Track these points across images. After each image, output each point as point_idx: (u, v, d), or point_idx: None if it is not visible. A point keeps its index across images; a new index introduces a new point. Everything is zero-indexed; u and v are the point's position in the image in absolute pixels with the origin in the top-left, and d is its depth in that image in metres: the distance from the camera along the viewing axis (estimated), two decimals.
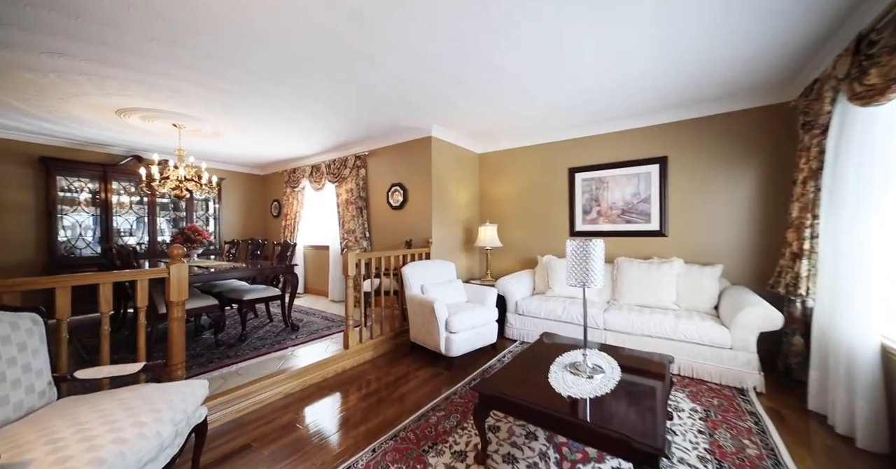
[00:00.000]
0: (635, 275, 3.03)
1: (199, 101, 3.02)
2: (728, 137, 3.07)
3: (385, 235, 4.44)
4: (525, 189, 4.29)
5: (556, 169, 4.04)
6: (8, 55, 2.25)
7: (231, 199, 6.05)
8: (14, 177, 4.10)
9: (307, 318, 3.87)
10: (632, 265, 3.10)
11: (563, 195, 3.97)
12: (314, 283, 5.59)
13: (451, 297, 3.24)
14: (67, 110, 3.23)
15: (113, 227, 4.56)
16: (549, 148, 4.10)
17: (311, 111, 3.32)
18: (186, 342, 3.07)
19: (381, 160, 4.47)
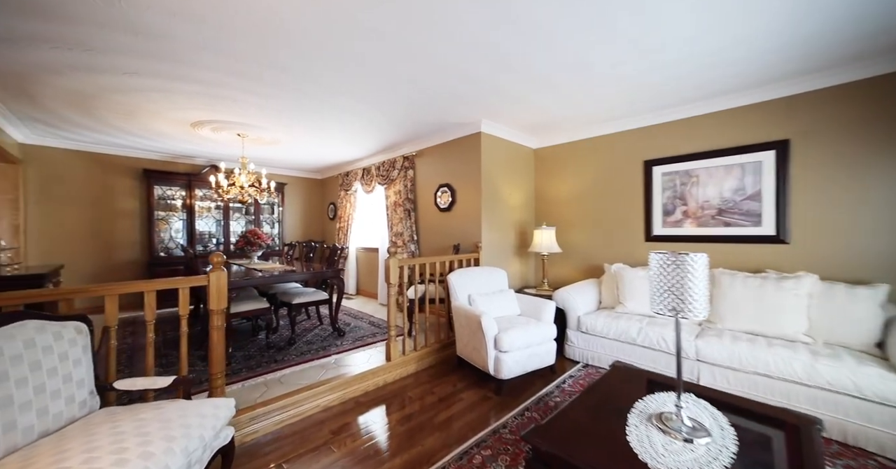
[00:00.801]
0: (740, 293, 2.37)
1: (254, 109, 3.12)
2: (892, 110, 2.24)
3: (433, 239, 4.25)
4: (588, 187, 3.75)
5: (626, 162, 3.45)
6: (100, 79, 2.50)
7: (293, 203, 6.43)
8: (125, 187, 4.78)
9: (354, 323, 3.84)
10: (735, 280, 2.44)
11: (637, 193, 3.36)
12: (365, 285, 5.65)
13: (502, 309, 2.90)
14: (154, 126, 3.60)
15: (196, 230, 5.09)
16: (619, 139, 3.51)
17: (360, 114, 3.25)
18: (243, 341, 3.23)
19: (428, 160, 4.29)
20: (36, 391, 1.14)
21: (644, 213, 3.29)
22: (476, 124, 3.55)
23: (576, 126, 3.65)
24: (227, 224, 5.40)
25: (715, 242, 2.85)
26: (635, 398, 1.52)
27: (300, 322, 3.86)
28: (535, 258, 4.19)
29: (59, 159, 4.33)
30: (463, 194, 3.81)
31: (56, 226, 4.32)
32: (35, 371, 1.15)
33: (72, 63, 2.26)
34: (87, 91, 2.71)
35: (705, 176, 2.89)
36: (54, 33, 1.92)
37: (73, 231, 4.42)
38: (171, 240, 5.04)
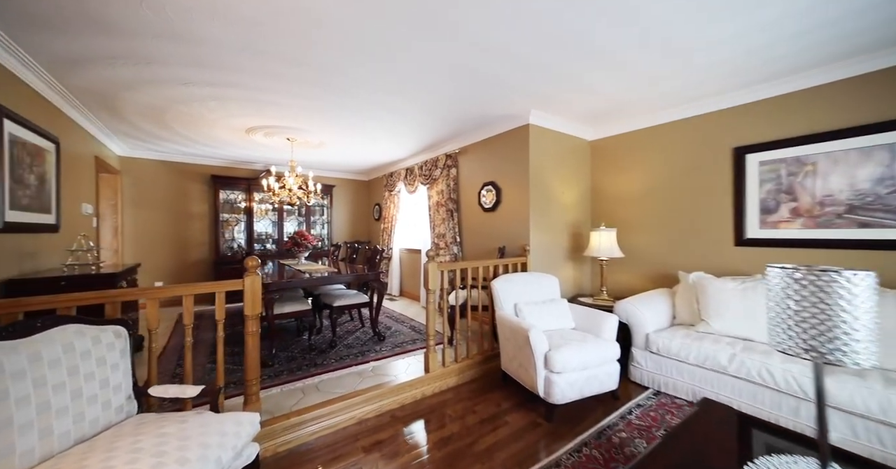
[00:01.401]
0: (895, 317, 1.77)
1: (299, 111, 3.16)
2: None
3: (476, 241, 4.02)
4: (657, 182, 3.22)
5: (708, 151, 2.88)
6: (164, 91, 2.69)
7: (340, 205, 6.63)
8: (197, 192, 5.28)
9: (395, 327, 3.75)
10: (886, 300, 1.83)
11: (722, 187, 2.78)
12: (409, 286, 5.59)
13: (553, 321, 2.57)
14: (215, 134, 3.87)
15: (254, 231, 5.46)
16: (697, 123, 2.95)
17: (402, 111, 3.14)
18: (289, 341, 3.31)
19: (472, 157, 4.06)
20: (73, 396, 1.15)
21: (733, 211, 2.71)
22: (523, 116, 3.23)
23: (641, 111, 3.15)
24: (282, 225, 5.71)
25: (843, 248, 2.21)
26: (744, 457, 1.14)
27: (343, 323, 3.88)
28: (592, 263, 3.74)
29: (146, 169, 4.90)
30: (509, 193, 3.52)
31: (144, 227, 4.89)
32: (73, 376, 1.16)
33: (139, 77, 2.44)
34: (156, 104, 2.94)
35: (826, 163, 2.25)
36: (119, 49, 2.06)
37: (156, 232, 4.98)
38: (234, 240, 5.46)
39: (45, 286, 2.13)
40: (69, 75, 2.42)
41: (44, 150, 2.57)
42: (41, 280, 2.14)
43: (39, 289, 2.12)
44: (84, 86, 2.60)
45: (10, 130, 2.16)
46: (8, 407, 1.00)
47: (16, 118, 2.19)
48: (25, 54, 2.14)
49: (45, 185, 2.59)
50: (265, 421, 1.84)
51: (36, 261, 2.49)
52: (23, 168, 2.30)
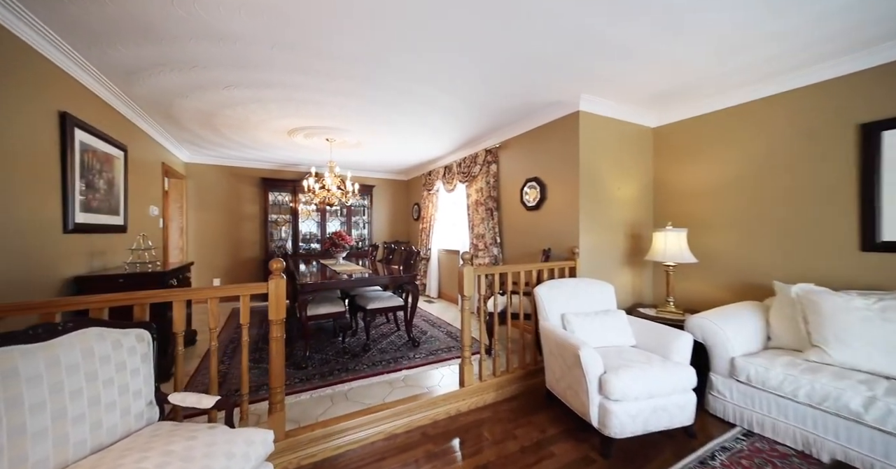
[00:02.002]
0: None
1: (335, 109, 3.13)
2: None
3: (518, 242, 3.71)
4: (742, 171, 2.67)
5: (817, 130, 2.30)
6: (210, 96, 2.79)
7: (380, 205, 6.67)
8: (249, 194, 5.61)
9: (431, 332, 3.59)
10: None
11: (842, 174, 2.20)
12: (447, 288, 5.42)
13: (608, 336, 2.21)
14: (261, 137, 4.02)
15: (299, 231, 5.68)
16: (799, 97, 2.37)
17: (439, 103, 2.96)
18: (324, 341, 3.29)
19: (513, 152, 3.76)
20: (91, 403, 1.12)
21: (859, 205, 2.11)
22: (573, 102, 2.87)
23: (720, 88, 2.62)
24: (324, 225, 5.87)
25: None
26: None
27: (379, 325, 3.81)
28: (654, 269, 3.24)
29: (207, 173, 5.30)
30: (555, 189, 3.17)
31: (204, 228, 5.30)
32: (91, 382, 1.13)
33: (186, 83, 2.54)
34: (205, 109, 3.09)
35: None
36: (164, 54, 2.13)
37: (214, 232, 5.37)
38: (281, 240, 5.72)
39: (105, 283, 2.29)
40: (130, 85, 2.60)
41: (113, 157, 2.80)
42: (103, 277, 2.29)
43: (101, 285, 2.27)
44: (144, 95, 2.78)
45: (81, 139, 2.35)
46: (21, 413, 0.97)
47: (86, 127, 2.38)
48: (95, 69, 2.31)
49: (114, 189, 2.83)
50: (290, 431, 1.76)
51: (106, 258, 2.71)
52: (93, 174, 2.50)
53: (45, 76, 2.04)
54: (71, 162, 2.22)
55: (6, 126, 1.80)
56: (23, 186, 1.90)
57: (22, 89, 1.88)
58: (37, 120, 1.99)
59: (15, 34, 1.79)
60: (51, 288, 2.09)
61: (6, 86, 1.80)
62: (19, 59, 1.85)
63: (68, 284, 2.21)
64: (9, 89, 1.81)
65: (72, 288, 2.24)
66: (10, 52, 1.79)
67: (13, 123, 1.84)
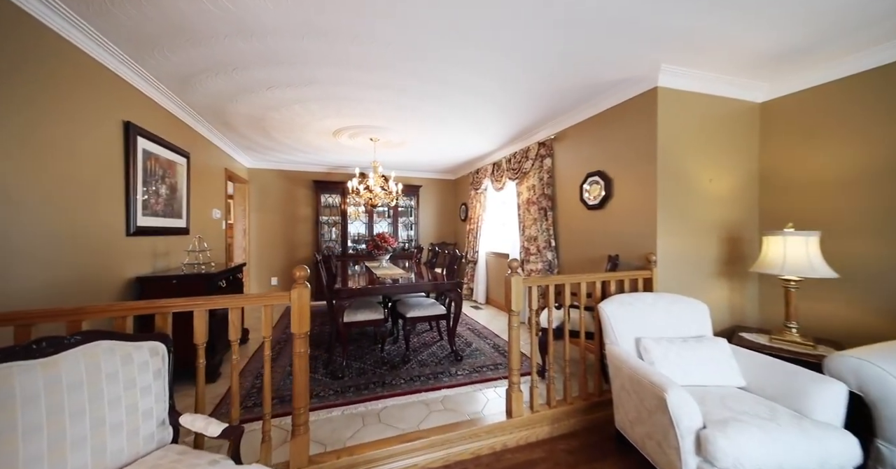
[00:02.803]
0: None
1: (374, 106, 2.99)
2: None
3: (577, 246, 3.23)
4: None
5: None
6: (255, 99, 2.82)
7: (427, 205, 6.52)
8: (302, 197, 5.84)
9: (477, 344, 3.28)
10: None
11: None
12: (496, 294, 5.06)
13: (704, 372, 1.70)
14: (308, 140, 4.08)
15: (348, 232, 5.76)
16: None
17: (486, 91, 2.66)
18: (365, 348, 3.16)
19: (571, 143, 3.29)
20: (94, 425, 1.03)
21: None
22: (648, 76, 2.35)
23: (872, 38, 1.90)
24: (371, 226, 5.89)
25: None
26: None
27: (421, 332, 3.61)
28: (762, 283, 2.55)
29: (266, 177, 5.63)
30: (624, 184, 2.66)
31: (264, 229, 5.63)
32: (95, 401, 1.05)
33: (232, 86, 2.57)
34: (253, 113, 3.16)
35: None
36: (207, 56, 2.13)
37: (273, 233, 5.67)
38: (331, 241, 5.86)
39: (162, 284, 2.39)
40: (186, 93, 2.72)
41: (175, 164, 2.98)
42: (160, 278, 2.40)
43: (158, 286, 2.38)
44: (199, 102, 2.91)
45: (144, 147, 2.50)
46: (14, 439, 0.89)
47: (148, 136, 2.53)
48: (153, 77, 2.44)
49: (177, 193, 3.01)
50: (315, 456, 1.59)
51: (168, 259, 2.89)
52: (155, 179, 2.66)
53: (110, 87, 2.16)
54: (133, 168, 2.36)
55: (76, 136, 1.92)
56: (89, 192, 2.02)
57: (89, 100, 2.00)
58: (103, 129, 2.12)
59: (78, 46, 1.89)
60: (115, 288, 2.22)
61: (76, 99, 1.91)
62: (85, 71, 1.97)
63: (131, 284, 2.35)
64: (78, 102, 1.93)
65: (134, 288, 2.37)
66: (76, 64, 1.89)
67: (82, 133, 1.96)
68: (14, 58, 1.56)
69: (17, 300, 1.54)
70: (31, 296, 1.62)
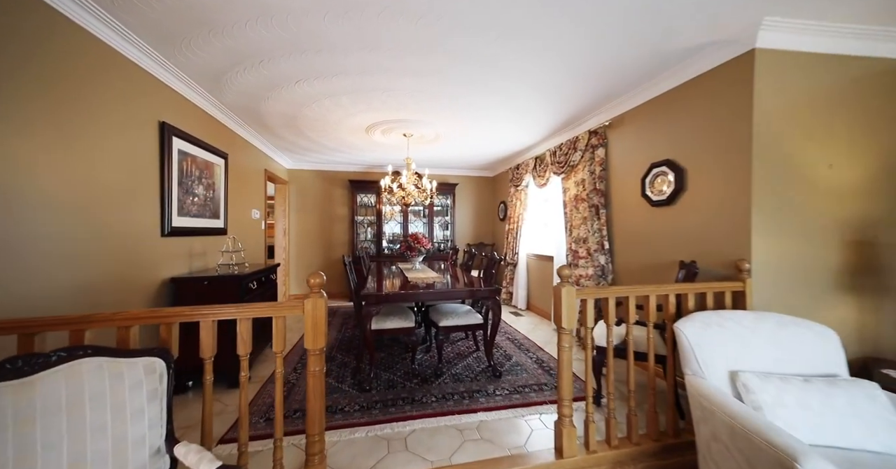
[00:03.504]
0: None
1: (405, 97, 2.77)
2: None
3: (637, 249, 2.77)
4: None
5: None
6: (285, 94, 2.73)
7: (463, 204, 6.24)
8: (339, 196, 5.85)
9: (517, 357, 2.94)
10: None
11: None
12: (537, 299, 4.65)
13: (845, 429, 1.23)
14: (341, 137, 3.99)
15: (383, 232, 5.66)
16: None
17: (527, 72, 2.32)
18: (397, 357, 2.94)
19: (630, 129, 2.83)
20: (71, 458, 0.89)
21: None
22: (742, 37, 1.86)
23: None
24: (406, 226, 5.74)
25: None
26: None
27: (456, 340, 3.34)
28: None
29: (305, 178, 5.71)
30: (702, 174, 2.18)
31: (303, 229, 5.72)
32: (74, 431, 0.91)
33: (261, 82, 2.49)
34: (287, 111, 3.10)
35: None
36: (231, 48, 2.04)
37: (311, 233, 5.74)
38: (366, 241, 5.80)
39: (193, 285, 2.37)
40: (220, 91, 2.70)
41: (213, 164, 3.01)
42: (192, 279, 2.38)
43: (190, 287, 2.36)
44: (233, 101, 2.89)
45: (180, 147, 2.50)
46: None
47: (184, 136, 2.53)
48: (185, 74, 2.42)
49: (214, 194, 3.03)
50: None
51: (206, 260, 2.91)
52: (192, 180, 2.67)
53: (145, 86, 2.16)
54: (168, 169, 2.36)
55: (111, 136, 1.91)
56: (123, 193, 2.02)
57: (124, 100, 2.00)
58: (138, 130, 2.12)
59: (108, 44, 1.87)
60: (149, 288, 2.22)
61: (109, 99, 1.91)
62: (119, 70, 1.96)
63: (165, 285, 2.35)
64: (111, 102, 1.92)
65: (169, 288, 2.37)
66: (109, 63, 1.88)
67: (116, 134, 1.95)
68: (48, 57, 1.54)
69: (43, 301, 1.52)
70: (58, 297, 1.60)
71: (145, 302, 2.18)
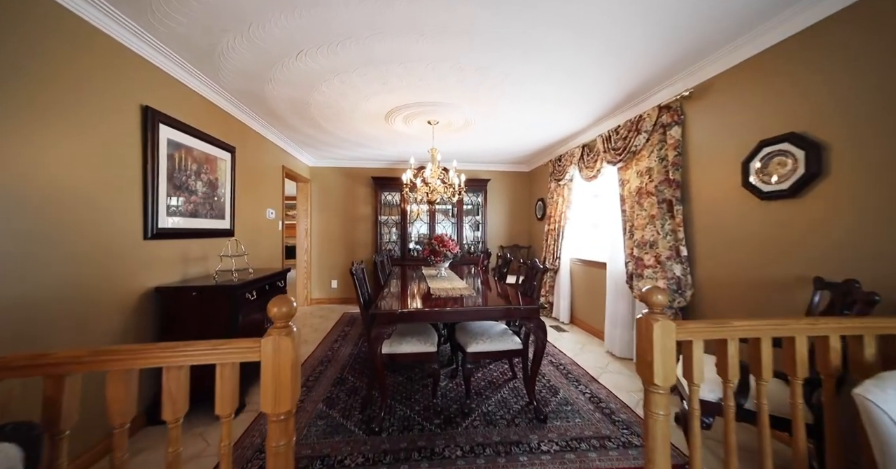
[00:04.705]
0: None
1: (427, 73, 2.28)
2: None
3: (730, 257, 2.06)
4: None
5: None
6: (288, 73, 2.34)
7: (496, 202, 5.66)
8: (363, 195, 5.50)
9: (565, 390, 2.33)
10: None
11: None
12: (583, 312, 3.97)
13: None
14: (358, 128, 3.58)
15: (408, 232, 5.23)
16: None
17: (585, 26, 1.74)
18: (414, 382, 2.41)
19: (722, 99, 2.13)
20: None
21: None
22: None
23: None
24: (433, 226, 5.27)
25: None
26: None
27: (488, 364, 2.79)
28: None
29: (327, 175, 5.42)
30: (857, 152, 1.46)
31: (325, 229, 5.43)
32: None
33: (258, 56, 2.11)
34: (294, 96, 2.72)
35: None
36: (210, 10, 1.66)
37: (333, 233, 5.44)
38: (391, 242, 5.40)
39: (180, 296, 2.03)
40: (215, 73, 2.37)
41: (216, 158, 2.70)
42: (178, 289, 2.05)
43: (176, 298, 2.03)
44: (232, 84, 2.55)
45: (169, 136, 2.19)
46: None
47: (176, 124, 2.22)
48: (169, 50, 2.10)
49: (217, 191, 2.73)
50: None
51: (207, 264, 2.60)
52: (187, 175, 2.37)
53: (121, 64, 1.84)
54: (153, 161, 2.04)
55: (78, 122, 1.60)
56: (94, 189, 1.70)
57: (93, 78, 1.68)
58: (113, 115, 1.81)
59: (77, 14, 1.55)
60: (126, 300, 1.90)
61: (79, 77, 1.60)
62: (91, 44, 1.64)
63: (149, 295, 2.03)
64: (80, 80, 1.61)
65: (153, 299, 2.06)
66: (78, 35, 1.57)
67: (87, 119, 1.64)
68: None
69: None
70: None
71: (121, 317, 1.86)
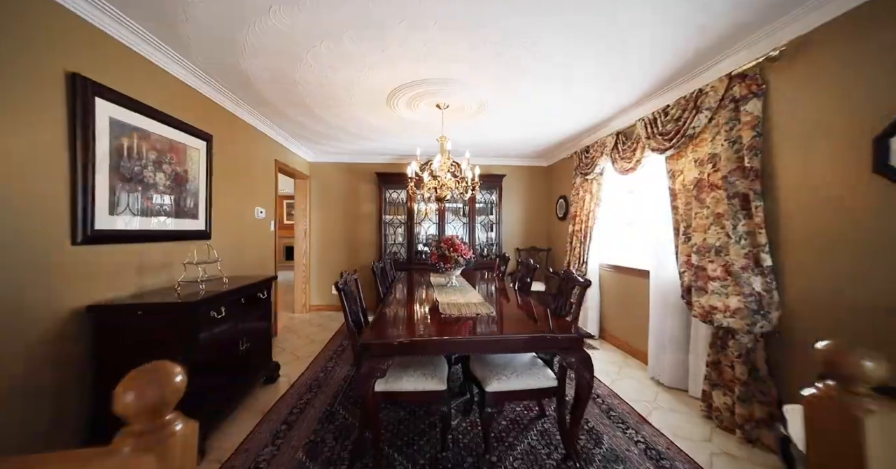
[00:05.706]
0: None
1: (434, 30, 1.79)
2: None
3: (848, 268, 1.51)
4: None
5: None
6: (262, 38, 1.90)
7: (511, 200, 5.13)
8: (366, 192, 5.04)
9: (610, 437, 1.81)
10: None
11: None
12: (616, 326, 3.43)
13: None
14: (358, 116, 3.12)
15: (414, 233, 4.75)
16: None
17: None
18: (419, 420, 1.90)
19: (827, 59, 1.57)
20: None
21: None
22: None
23: None
24: (442, 227, 4.78)
25: None
26: None
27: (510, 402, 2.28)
28: None
29: (327, 172, 4.99)
30: None
31: (325, 230, 4.99)
32: None
33: (221, 10, 1.66)
34: (277, 70, 2.24)
35: None
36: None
37: (334, 234, 5.00)
38: (395, 243, 4.94)
39: (120, 317, 1.60)
40: (178, 41, 1.93)
41: (185, 146, 2.27)
42: (118, 308, 1.62)
43: (118, 320, 1.60)
44: (203, 55, 2.11)
45: (114, 115, 1.75)
46: None
47: (120, 100, 1.78)
48: (116, 7, 1.67)
49: (187, 186, 2.30)
50: None
51: (172, 273, 2.17)
52: (141, 165, 1.94)
53: (39, 17, 1.42)
54: (87, 145, 1.61)
55: None
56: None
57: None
58: (23, 80, 1.38)
59: None
60: (44, 325, 1.46)
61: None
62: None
63: (79, 317, 1.60)
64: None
65: (86, 322, 1.62)
66: None
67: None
68: None
69: None
70: None
71: (30, 351, 1.42)
